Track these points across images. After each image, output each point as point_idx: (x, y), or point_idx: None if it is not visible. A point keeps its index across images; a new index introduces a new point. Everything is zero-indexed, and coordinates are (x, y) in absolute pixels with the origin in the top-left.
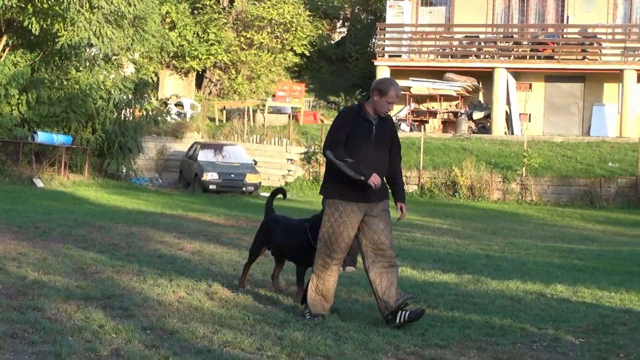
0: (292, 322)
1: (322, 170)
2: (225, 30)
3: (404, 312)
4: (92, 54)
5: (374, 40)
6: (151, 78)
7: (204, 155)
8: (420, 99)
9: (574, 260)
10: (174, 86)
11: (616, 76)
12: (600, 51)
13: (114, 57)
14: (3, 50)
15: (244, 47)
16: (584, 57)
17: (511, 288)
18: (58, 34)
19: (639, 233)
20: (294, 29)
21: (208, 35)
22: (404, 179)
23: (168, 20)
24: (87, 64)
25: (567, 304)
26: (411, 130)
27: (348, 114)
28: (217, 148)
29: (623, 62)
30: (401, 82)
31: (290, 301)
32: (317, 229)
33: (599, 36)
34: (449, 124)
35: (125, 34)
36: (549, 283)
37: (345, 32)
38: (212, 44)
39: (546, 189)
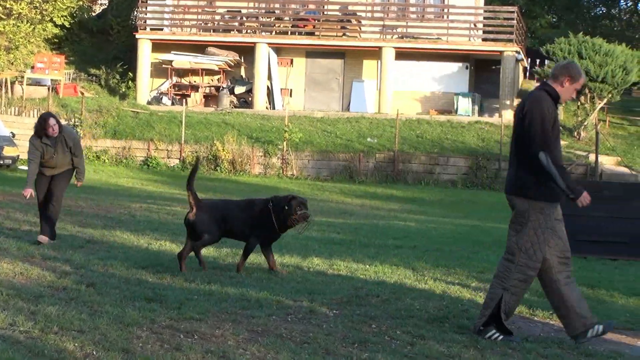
0: (46, 296)
1: (83, 142)
2: None
3: (598, 325)
4: None
5: (136, 12)
6: None
7: None
8: (182, 72)
9: (332, 234)
10: None
11: (375, 53)
12: (360, 28)
13: None
14: None
15: (2, 17)
16: (344, 34)
17: None
18: None
19: (395, 207)
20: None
21: None
22: (165, 152)
23: None
24: None
25: (323, 277)
26: (173, 104)
27: (550, 104)
28: None
29: (382, 39)
30: (163, 56)
31: (45, 276)
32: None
33: (358, 13)
34: (210, 98)
35: None
36: (307, 256)
37: (107, 4)
38: None
39: (307, 163)
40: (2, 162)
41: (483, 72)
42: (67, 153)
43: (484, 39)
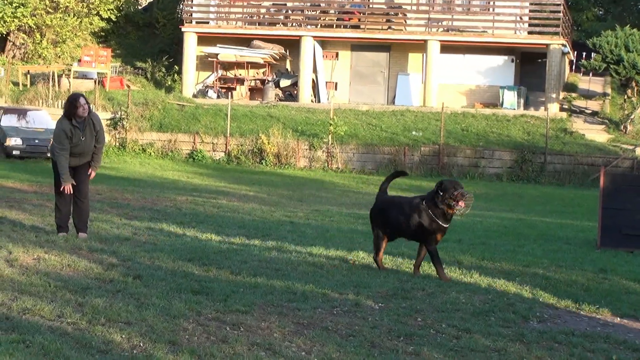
0: (93, 288)
1: (130, 135)
2: None
3: None
4: None
5: (181, 6)
6: None
7: (7, 120)
8: (227, 66)
9: None
10: None
11: (420, 46)
12: (405, 21)
13: None
14: None
15: (50, 10)
16: (389, 27)
17: (314, 254)
18: None
19: None
20: None
21: None
22: (210, 146)
23: None
24: None
25: (368, 270)
26: (218, 97)
27: None
28: (21, 113)
29: (427, 32)
30: (208, 49)
31: (92, 268)
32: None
33: (404, 6)
34: (256, 92)
35: None
36: (352, 250)
37: None
38: (17, 7)
39: (352, 156)
40: (49, 154)
41: (529, 65)
42: (93, 138)
43: (530, 32)
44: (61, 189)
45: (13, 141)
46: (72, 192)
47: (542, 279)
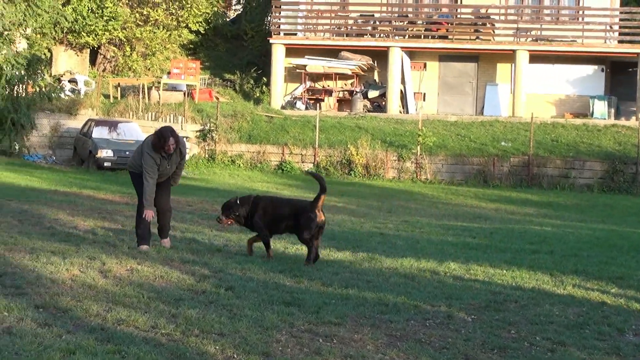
0: (186, 299)
1: (219, 147)
2: (121, 6)
3: None
4: None
5: (269, 18)
6: (44, 54)
7: (98, 132)
8: (315, 77)
9: (467, 239)
10: (67, 62)
11: (509, 56)
12: (493, 31)
13: (5, 33)
14: None
15: (139, 23)
16: (477, 37)
17: (405, 266)
18: None
19: (530, 211)
20: (189, 5)
21: (102, 11)
22: (299, 157)
23: None
24: None
25: (460, 282)
26: (307, 108)
27: None
28: (112, 125)
29: (515, 42)
30: (296, 61)
31: (184, 279)
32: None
33: (492, 17)
34: (344, 103)
35: (17, 9)
36: (443, 261)
37: (241, 10)
38: (108, 20)
39: (440, 167)
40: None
41: (619, 75)
42: (177, 162)
43: (620, 41)
44: (143, 216)
45: (104, 153)
46: (153, 217)
47: (637, 291)
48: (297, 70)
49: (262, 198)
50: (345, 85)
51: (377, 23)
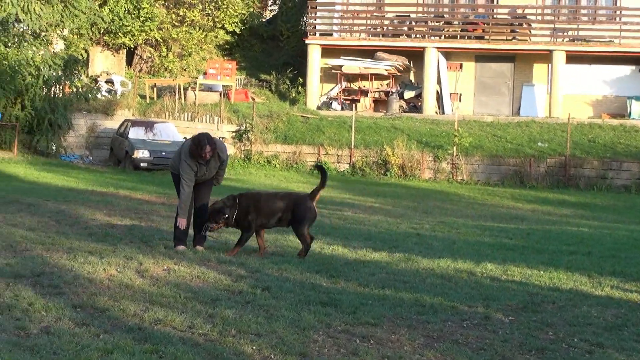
0: (223, 300)
1: (255, 147)
2: (157, 7)
3: None
4: (21, 30)
5: (305, 18)
6: (81, 55)
7: (135, 133)
8: (351, 77)
9: (504, 239)
10: (104, 63)
11: (545, 57)
12: (530, 32)
13: (43, 34)
14: None
15: (176, 24)
16: (514, 38)
17: (442, 266)
18: None
19: (567, 212)
20: (225, 6)
21: (139, 11)
22: (335, 157)
23: None
24: (16, 40)
25: (497, 283)
26: (342, 109)
27: None
28: (148, 125)
29: (552, 42)
30: (332, 61)
31: (221, 279)
32: None
33: (528, 17)
34: (380, 103)
35: (54, 10)
36: (479, 262)
37: (277, 10)
38: (144, 21)
39: (477, 168)
40: None
41: None
42: (217, 165)
43: None
44: (177, 224)
45: (141, 153)
46: (187, 225)
47: None
48: (333, 71)
49: (246, 195)
50: (381, 85)
51: (413, 23)
